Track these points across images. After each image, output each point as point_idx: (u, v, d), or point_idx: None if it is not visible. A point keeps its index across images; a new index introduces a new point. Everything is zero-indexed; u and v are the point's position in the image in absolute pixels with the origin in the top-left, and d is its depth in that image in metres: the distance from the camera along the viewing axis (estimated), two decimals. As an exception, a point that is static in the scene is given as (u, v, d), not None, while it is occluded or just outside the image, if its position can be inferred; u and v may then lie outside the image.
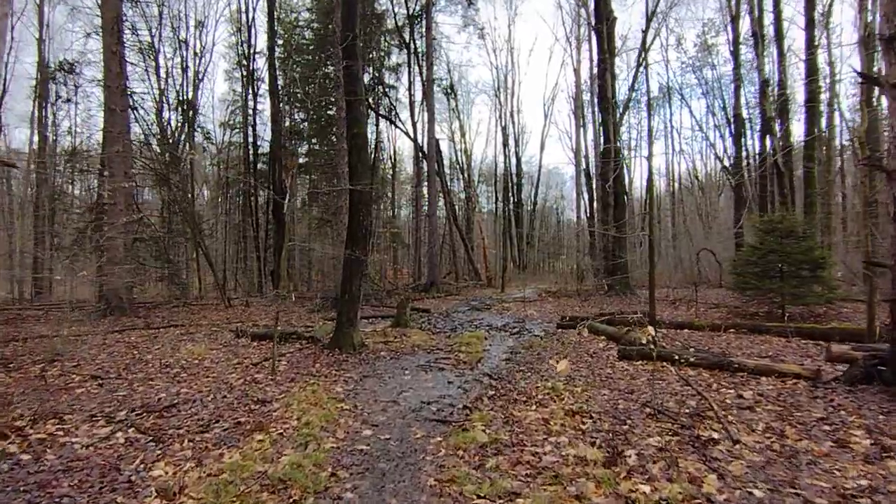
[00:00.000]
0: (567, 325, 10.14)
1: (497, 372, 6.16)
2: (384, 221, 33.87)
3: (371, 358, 7.07)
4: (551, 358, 6.84)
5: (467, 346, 7.99)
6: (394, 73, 31.61)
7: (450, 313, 13.79)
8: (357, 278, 7.41)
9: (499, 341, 8.75)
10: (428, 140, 21.66)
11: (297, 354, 7.32)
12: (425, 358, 7.20)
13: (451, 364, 6.72)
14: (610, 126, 15.66)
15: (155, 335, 9.72)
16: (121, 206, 13.27)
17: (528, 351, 7.57)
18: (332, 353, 7.29)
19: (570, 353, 7.21)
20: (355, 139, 7.32)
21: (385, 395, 5.19)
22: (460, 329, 10.56)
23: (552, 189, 53.53)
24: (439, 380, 5.87)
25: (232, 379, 5.79)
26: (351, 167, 7.30)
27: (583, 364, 6.38)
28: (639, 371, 5.81)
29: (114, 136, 13.17)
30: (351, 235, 7.38)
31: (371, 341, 8.41)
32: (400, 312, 10.03)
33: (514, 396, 5.01)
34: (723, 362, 5.57)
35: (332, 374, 6.04)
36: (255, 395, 5.09)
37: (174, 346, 8.31)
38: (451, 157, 38.67)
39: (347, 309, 7.38)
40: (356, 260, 7.30)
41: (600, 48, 16.20)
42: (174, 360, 6.98)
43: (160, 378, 5.94)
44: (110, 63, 13.29)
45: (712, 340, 7.77)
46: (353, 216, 7.36)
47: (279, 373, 6.09)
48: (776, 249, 10.24)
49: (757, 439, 3.59)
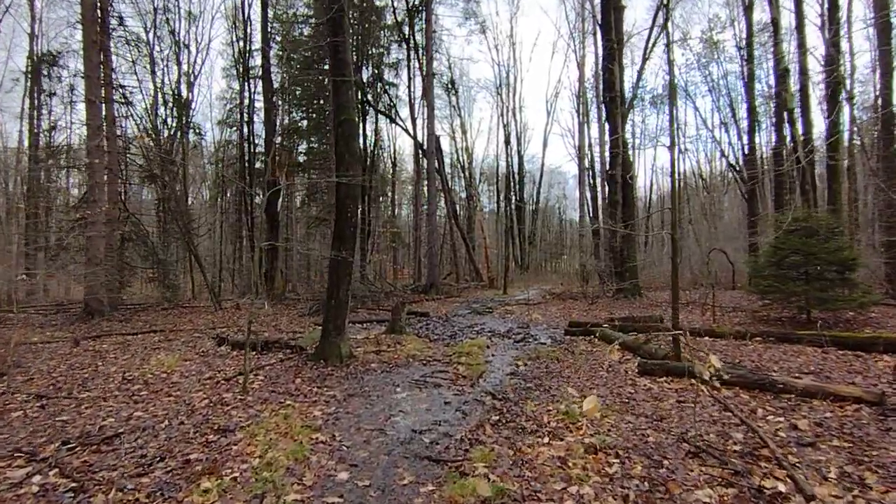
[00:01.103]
0: (576, 332, 9.38)
1: (501, 390, 5.40)
2: (384, 221, 33.17)
3: (360, 371, 6.31)
4: (563, 372, 6.08)
5: (468, 357, 7.23)
6: (393, 69, 30.93)
7: (449, 317, 13.03)
8: (345, 282, 6.65)
9: (502, 350, 7.98)
10: (428, 136, 20.89)
11: (278, 367, 6.56)
12: (421, 371, 6.44)
13: (449, 379, 5.96)
14: (617, 118, 14.87)
15: (129, 342, 8.98)
16: (102, 202, 12.53)
17: (535, 363, 6.80)
18: (316, 365, 6.53)
19: (582, 365, 6.44)
20: (343, 126, 6.55)
21: (371, 420, 4.43)
22: (460, 335, 9.80)
23: (553, 188, 52.83)
24: (435, 400, 5.11)
25: (197, 399, 5.03)
26: (338, 157, 6.54)
27: (598, 381, 5.61)
28: (664, 390, 5.04)
29: (94, 129, 12.43)
30: (338, 234, 6.62)
31: (362, 350, 7.65)
32: (395, 318, 9.27)
33: (523, 423, 4.25)
34: (764, 381, 4.79)
35: (312, 393, 5.27)
36: (217, 420, 4.33)
37: (145, 355, 7.57)
38: (452, 155, 37.93)
39: (334, 316, 6.62)
40: (343, 261, 6.54)
41: (607, 38, 15.41)
42: (139, 374, 6.22)
43: (116, 397, 5.18)
44: (90, 52, 12.55)
45: (739, 351, 7.00)
46: (341, 212, 6.60)
47: (252, 391, 5.33)
48: (800, 249, 9.47)
49: (834, 492, 2.82)
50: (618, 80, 15.07)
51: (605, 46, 15.30)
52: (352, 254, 6.67)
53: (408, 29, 28.19)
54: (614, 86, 14.98)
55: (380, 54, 29.28)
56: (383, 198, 34.30)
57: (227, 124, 31.66)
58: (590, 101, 31.33)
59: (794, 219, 9.92)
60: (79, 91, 20.01)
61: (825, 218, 9.65)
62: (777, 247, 9.89)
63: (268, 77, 19.11)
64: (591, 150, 31.54)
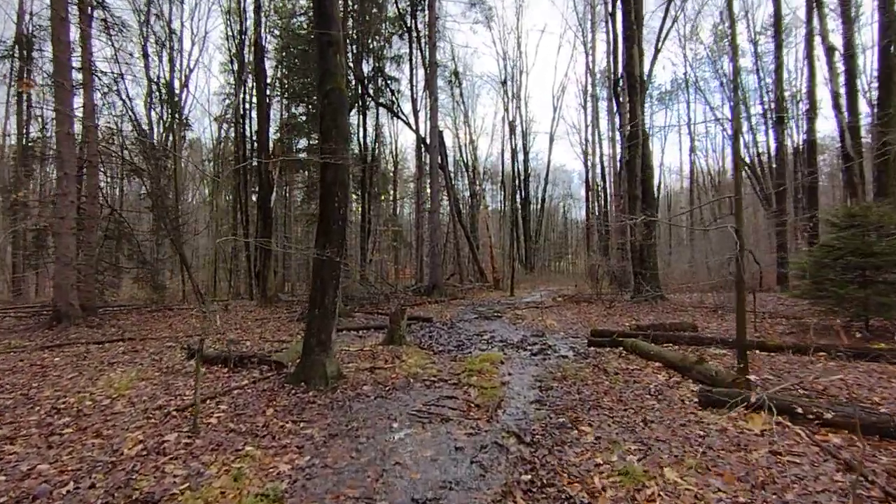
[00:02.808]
0: (600, 342, 8.16)
1: (527, 427, 4.20)
2: (385, 219, 31.99)
3: (348, 397, 5.11)
4: (601, 401, 4.86)
5: (480, 377, 6.03)
6: (395, 63, 29.79)
7: (454, 323, 11.82)
8: (332, 287, 5.45)
9: (519, 366, 6.77)
10: (431, 129, 19.70)
11: (249, 391, 5.36)
12: (423, 396, 5.24)
13: (459, 409, 4.76)
14: (637, 106, 13.64)
15: (89, 353, 7.81)
16: (71, 195, 11.35)
17: (563, 385, 5.60)
18: (295, 389, 5.33)
19: (622, 390, 5.23)
20: (329, 96, 5.35)
21: (356, 479, 3.23)
22: (468, 346, 8.60)
23: (558, 187, 51.66)
24: (443, 443, 3.91)
25: (129, 443, 3.84)
26: (323, 133, 5.33)
27: (650, 415, 4.40)
28: (746, 434, 3.82)
29: (63, 115, 11.26)
30: (323, 228, 5.42)
31: (354, 367, 6.45)
32: (394, 327, 8.07)
33: (565, 487, 3.05)
34: (890, 424, 3.57)
35: (283, 432, 4.08)
36: (143, 482, 3.14)
37: (97, 372, 6.39)
38: (455, 153, 36.75)
39: (318, 328, 5.43)
40: (330, 262, 5.34)
41: (626, 21, 14.19)
42: (76, 401, 5.04)
43: (29, 438, 4.00)
44: (59, 31, 11.37)
45: (809, 371, 5.78)
46: (327, 202, 5.40)
47: (206, 428, 4.14)
48: (859, 248, 8.26)
49: None
50: (637, 64, 13.84)
51: (624, 27, 14.07)
52: (341, 252, 5.48)
53: (410, 19, 27.01)
54: (634, 71, 13.75)
55: (381, 47, 28.12)
56: (385, 196, 33.14)
57: (224, 120, 30.58)
58: (599, 94, 30.10)
59: (849, 213, 8.69)
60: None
61: (887, 213, 8.41)
62: (831, 246, 8.67)
63: (261, 64, 17.90)
64: (600, 145, 30.34)
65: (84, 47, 13.78)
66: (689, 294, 16.69)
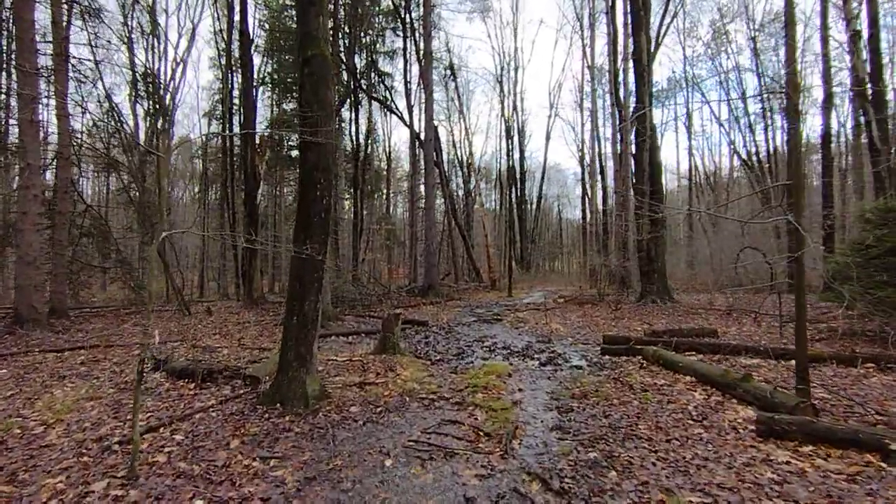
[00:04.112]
0: (615, 350, 7.38)
1: (552, 466, 3.38)
2: (378, 217, 31.11)
3: (332, 422, 4.28)
4: (635, 428, 4.05)
5: (486, 393, 5.22)
6: (388, 58, 28.95)
7: (452, 327, 11.00)
8: (313, 291, 4.61)
9: (529, 380, 5.96)
10: (426, 122, 18.87)
11: (214, 414, 4.51)
12: (422, 419, 4.41)
13: (466, 439, 3.93)
14: (645, 95, 12.88)
15: (40, 364, 6.91)
16: (35, 190, 10.40)
17: (584, 404, 4.79)
18: (269, 412, 4.48)
19: (656, 411, 4.43)
20: (310, 64, 4.51)
21: (335, 552, 2.40)
22: (469, 354, 7.79)
23: (552, 186, 51.04)
24: (448, 489, 3.08)
25: (44, 494, 2.98)
26: (302, 108, 4.48)
27: (700, 448, 3.59)
28: (828, 475, 3.03)
29: (26, 100, 10.32)
30: (302, 221, 4.58)
31: (340, 382, 5.61)
32: (387, 333, 7.23)
33: (618, 565, 2.23)
34: None
35: (247, 476, 3.24)
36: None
37: (42, 388, 5.52)
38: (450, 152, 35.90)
39: (297, 340, 4.58)
40: (310, 262, 4.50)
41: (633, 6, 13.43)
42: (2, 428, 4.17)
43: (-81, 484, 3.13)
44: (21, 9, 10.43)
45: (863, 385, 5.02)
46: (307, 188, 4.55)
47: (151, 469, 3.29)
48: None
49: None
50: (645, 52, 13.08)
51: (631, 11, 13.30)
52: (324, 249, 4.64)
53: (404, 11, 26.15)
54: (642, 58, 12.99)
55: (374, 41, 27.25)
56: (378, 194, 32.23)
57: (213, 117, 29.57)
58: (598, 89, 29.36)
59: (886, 209, 7.95)
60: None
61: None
62: (864, 244, 7.93)
63: (247, 52, 16.97)
64: (598, 141, 29.63)
65: (57, 31, 12.82)
66: (695, 294, 15.98)
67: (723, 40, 32.47)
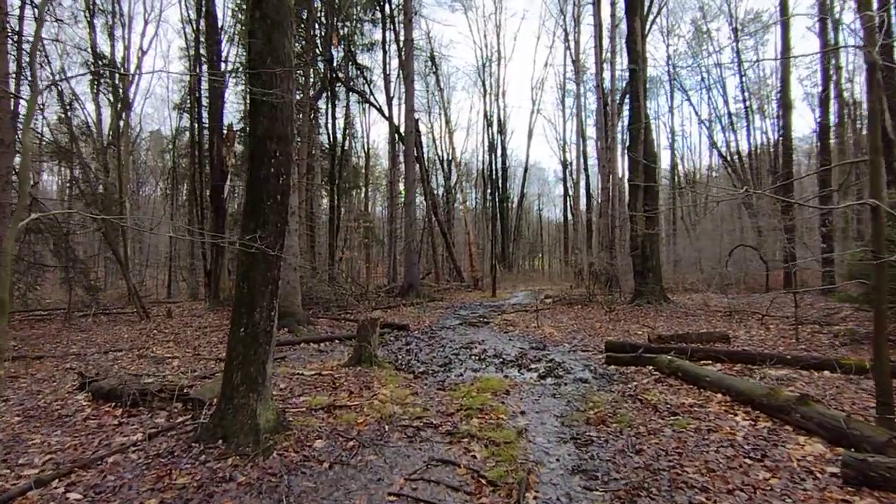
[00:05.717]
0: (623, 360, 6.53)
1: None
2: (356, 215, 29.90)
3: (288, 467, 3.28)
4: (679, 469, 3.16)
5: (482, 418, 4.29)
6: (367, 50, 27.76)
7: (435, 331, 10.06)
8: (266, 295, 3.60)
9: (530, 398, 5.05)
10: (406, 111, 17.87)
11: (135, 455, 3.47)
12: (405, 460, 3.46)
13: (464, 491, 2.99)
14: (639, 85, 12.13)
15: (-57, 384, 5.71)
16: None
17: (603, 432, 3.90)
18: (209, 450, 3.47)
19: (696, 444, 3.56)
20: (262, 6, 3.50)
21: None
22: (456, 364, 6.85)
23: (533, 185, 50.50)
24: (445, 582, 2.14)
25: None
26: (252, 59, 3.48)
27: (768, 496, 2.73)
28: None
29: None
30: (252, 206, 3.57)
31: (305, 405, 4.60)
32: (362, 343, 6.24)
33: None
34: None
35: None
36: None
37: (-77, 419, 4.38)
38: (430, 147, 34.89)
39: (244, 359, 3.57)
40: (263, 259, 3.49)
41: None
42: None
43: None
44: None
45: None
46: (258, 164, 3.55)
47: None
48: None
49: None
50: (639, 38, 12.34)
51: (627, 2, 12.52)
52: (280, 241, 3.64)
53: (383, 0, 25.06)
54: (636, 46, 12.24)
55: (352, 32, 26.06)
56: (356, 190, 31.04)
57: (183, 109, 27.94)
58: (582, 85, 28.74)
59: (911, 201, 7.30)
60: None
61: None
62: (890, 240, 7.27)
63: (213, 34, 15.69)
64: (583, 137, 29.06)
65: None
66: (689, 294, 15.36)
67: (704, 38, 32.34)
